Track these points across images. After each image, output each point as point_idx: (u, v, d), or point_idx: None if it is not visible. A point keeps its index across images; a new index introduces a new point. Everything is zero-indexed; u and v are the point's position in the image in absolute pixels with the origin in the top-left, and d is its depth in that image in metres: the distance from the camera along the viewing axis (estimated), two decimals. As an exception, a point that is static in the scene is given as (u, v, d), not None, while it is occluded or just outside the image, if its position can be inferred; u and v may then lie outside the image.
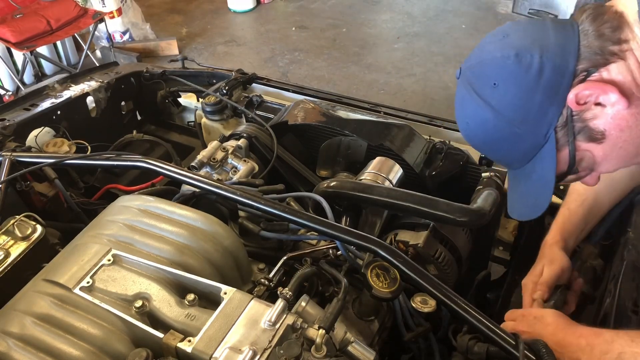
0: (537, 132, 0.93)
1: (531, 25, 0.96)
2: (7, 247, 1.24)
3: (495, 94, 0.93)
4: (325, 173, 1.84)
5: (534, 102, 0.91)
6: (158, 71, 2.27)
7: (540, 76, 0.89)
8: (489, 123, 0.96)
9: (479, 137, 1.02)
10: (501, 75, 0.93)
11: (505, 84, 0.92)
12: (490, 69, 0.94)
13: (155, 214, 1.28)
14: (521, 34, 0.94)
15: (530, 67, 0.89)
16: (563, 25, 0.92)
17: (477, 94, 0.96)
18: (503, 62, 0.92)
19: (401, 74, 4.75)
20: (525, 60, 0.90)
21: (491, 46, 0.97)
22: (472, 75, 0.98)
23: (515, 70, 0.91)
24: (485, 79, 0.95)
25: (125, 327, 1.04)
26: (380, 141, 1.73)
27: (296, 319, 1.01)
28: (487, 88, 0.94)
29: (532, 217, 1.03)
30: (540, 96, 0.90)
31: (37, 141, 1.83)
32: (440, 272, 1.44)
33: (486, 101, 0.94)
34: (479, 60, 0.97)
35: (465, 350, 1.10)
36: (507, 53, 0.92)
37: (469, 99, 0.98)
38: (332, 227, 1.22)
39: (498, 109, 0.93)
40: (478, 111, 0.96)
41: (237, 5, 6.06)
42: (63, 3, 4.42)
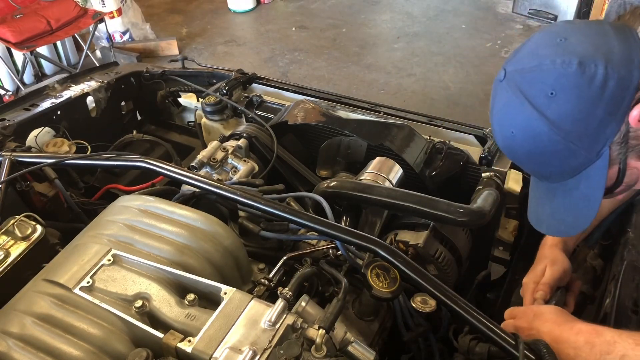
0: (592, 148, 0.86)
1: (590, 29, 0.88)
2: (7, 247, 1.24)
3: (552, 104, 0.85)
4: (325, 173, 1.84)
5: (594, 117, 0.83)
6: (158, 71, 2.27)
7: (604, 89, 0.82)
8: (542, 135, 0.87)
9: (525, 148, 0.92)
10: (561, 84, 0.84)
11: (565, 94, 0.84)
12: (547, 75, 0.85)
13: (155, 214, 1.28)
14: (581, 38, 0.86)
15: (594, 77, 0.82)
16: (623, 31, 0.85)
17: (529, 102, 0.86)
18: (564, 70, 0.83)
19: (401, 74, 4.75)
20: (589, 70, 0.82)
21: (547, 50, 0.87)
22: (524, 81, 0.88)
23: (578, 80, 0.82)
24: (540, 86, 0.86)
25: (125, 327, 1.04)
26: (380, 141, 1.73)
27: (296, 319, 1.01)
28: (542, 97, 0.86)
29: (567, 235, 0.99)
30: (602, 110, 0.83)
31: (37, 141, 1.83)
32: (440, 272, 1.44)
33: (541, 111, 0.86)
34: (534, 65, 0.87)
35: (467, 350, 1.10)
36: (568, 60, 0.83)
37: (518, 107, 0.88)
38: (332, 227, 1.22)
39: (554, 120, 0.85)
40: (530, 121, 0.87)
41: (237, 5, 6.06)
42: (63, 3, 4.42)
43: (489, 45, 5.10)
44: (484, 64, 4.77)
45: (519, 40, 5.12)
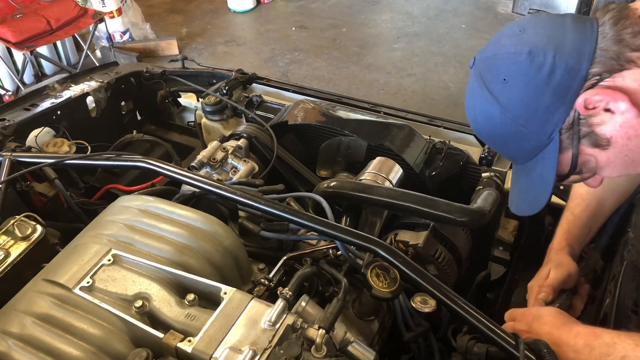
0: (542, 132, 0.92)
1: (550, 21, 0.93)
2: (7, 247, 1.24)
3: (504, 90, 0.92)
4: (325, 173, 1.84)
5: (541, 102, 0.89)
6: (158, 71, 2.27)
7: (551, 77, 0.87)
8: (496, 119, 0.94)
9: (486, 130, 1.00)
10: (512, 72, 0.90)
11: (515, 81, 0.90)
12: (502, 63, 0.92)
13: (155, 214, 1.28)
14: (538, 30, 0.92)
15: (542, 66, 0.87)
16: (583, 24, 0.89)
17: (486, 87, 0.94)
18: (515, 59, 0.90)
19: (401, 74, 4.75)
20: (538, 59, 0.87)
21: (506, 40, 0.94)
22: (484, 68, 0.96)
23: (527, 68, 0.88)
24: (496, 73, 0.93)
25: (125, 327, 1.04)
26: (380, 141, 1.73)
27: (296, 319, 1.01)
28: (497, 83, 0.93)
29: (529, 213, 1.03)
30: (549, 97, 0.88)
31: (37, 141, 1.83)
32: (440, 272, 1.44)
33: (495, 96, 0.93)
34: (492, 54, 0.95)
35: (465, 350, 1.10)
36: (520, 49, 0.89)
37: (478, 92, 0.96)
38: (332, 227, 1.22)
39: (505, 105, 0.92)
40: (486, 105, 0.95)
41: (237, 5, 6.06)
42: (63, 3, 4.41)
43: (489, 45, 5.10)
44: (484, 64, 4.77)
45: (519, 40, 5.12)
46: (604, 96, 0.85)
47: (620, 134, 0.89)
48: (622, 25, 0.86)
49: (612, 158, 0.92)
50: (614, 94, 0.85)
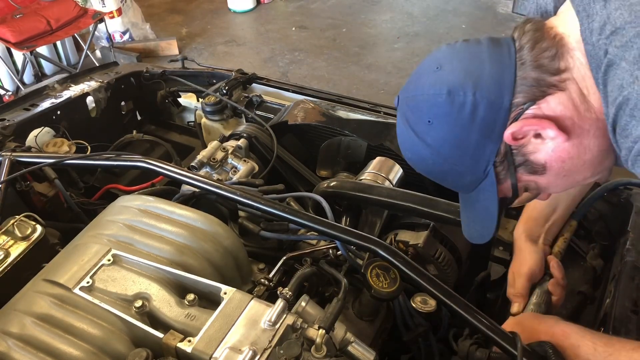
0: (477, 168, 0.90)
1: (466, 53, 0.90)
2: (7, 247, 1.24)
3: (430, 132, 0.90)
4: (325, 173, 1.84)
5: (470, 141, 0.87)
6: (158, 71, 2.27)
7: (474, 115, 0.85)
8: (428, 160, 0.93)
9: (422, 169, 0.98)
10: (434, 113, 0.88)
11: (439, 123, 0.88)
12: (423, 105, 0.90)
13: (155, 214, 1.28)
14: (454, 64, 0.88)
15: (463, 106, 0.85)
16: (500, 51, 0.86)
17: (412, 130, 0.92)
18: (435, 100, 0.87)
19: (401, 74, 4.75)
20: (458, 99, 0.85)
21: (424, 78, 0.91)
22: (408, 109, 0.93)
23: (449, 109, 0.86)
24: (419, 114, 0.91)
25: (125, 327, 1.04)
26: (380, 141, 1.73)
27: (296, 319, 1.01)
28: (421, 124, 0.90)
29: (480, 242, 1.02)
30: (476, 135, 0.86)
31: (37, 141, 1.83)
32: (440, 272, 1.44)
33: (421, 138, 0.91)
34: (413, 94, 0.92)
35: (466, 355, 1.10)
36: (439, 90, 0.87)
37: (406, 134, 0.94)
38: (332, 227, 1.22)
39: (434, 147, 0.90)
40: (415, 147, 0.93)
41: (237, 5, 6.06)
42: (63, 3, 4.42)
43: (489, 45, 5.10)
44: (484, 64, 4.77)
45: (519, 40, 5.12)
46: (530, 127, 0.84)
47: (553, 159, 0.87)
48: (539, 49, 0.83)
49: (551, 180, 0.92)
50: (539, 122, 0.83)
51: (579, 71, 0.83)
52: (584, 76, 0.83)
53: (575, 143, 0.85)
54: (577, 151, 0.87)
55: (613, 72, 0.76)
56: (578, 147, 0.86)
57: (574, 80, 0.83)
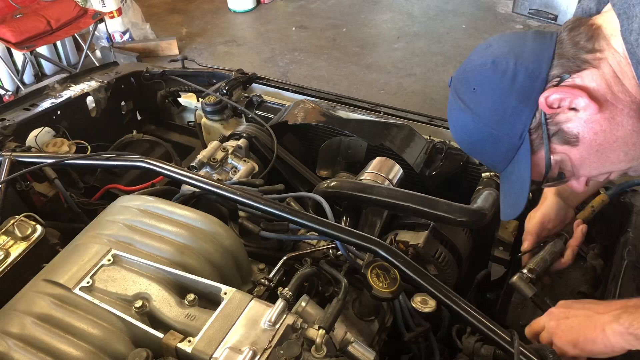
0: (513, 134, 0.97)
1: (513, 36, 1.01)
2: (7, 247, 1.24)
3: (474, 97, 1.00)
4: (325, 173, 1.84)
5: (508, 105, 0.96)
6: (158, 71, 2.27)
7: (514, 81, 0.95)
8: (469, 125, 1.02)
9: (464, 139, 1.07)
10: (479, 81, 0.99)
11: (483, 89, 0.98)
12: (470, 75, 1.01)
13: (155, 214, 1.28)
14: (502, 43, 1.00)
15: (505, 72, 0.95)
16: (542, 35, 0.98)
17: (459, 98, 1.02)
18: (481, 69, 0.99)
19: (401, 73, 4.75)
20: (500, 66, 0.96)
21: (475, 56, 1.03)
22: (458, 82, 1.05)
23: (492, 75, 0.97)
24: (466, 84, 1.02)
25: (125, 327, 1.04)
26: (380, 141, 1.73)
27: (296, 319, 1.01)
28: (467, 93, 1.01)
29: (512, 217, 1.06)
30: (514, 100, 0.95)
31: (37, 141, 1.83)
32: (440, 272, 1.44)
33: (466, 105, 1.01)
34: (463, 69, 1.04)
35: (472, 352, 1.10)
36: (485, 60, 0.99)
37: (454, 104, 1.04)
38: (332, 227, 1.22)
39: (476, 111, 0.99)
40: (460, 115, 1.03)
41: (237, 5, 6.06)
42: (63, 3, 4.41)
43: (489, 45, 5.10)
44: (484, 64, 4.77)
45: (519, 40, 5.12)
46: (563, 94, 0.91)
47: (586, 130, 0.93)
48: (576, 31, 0.94)
49: (584, 154, 0.96)
50: (572, 91, 0.91)
51: (614, 57, 0.90)
52: (619, 63, 0.90)
53: (607, 117, 0.91)
54: (609, 125, 0.92)
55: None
56: (610, 122, 0.92)
57: (608, 63, 0.91)
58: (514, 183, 1.03)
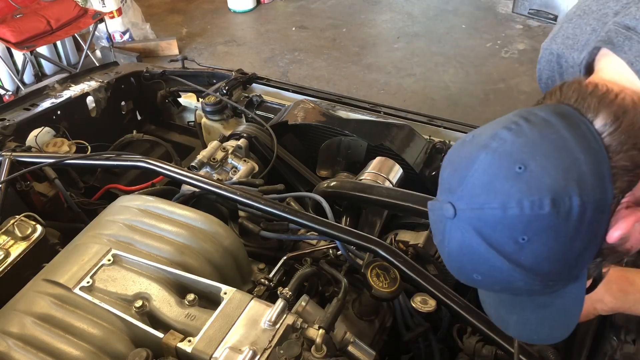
0: (570, 276, 0.78)
1: (547, 143, 0.72)
2: (7, 247, 1.24)
3: (525, 250, 0.72)
4: (325, 173, 1.84)
5: (573, 252, 0.73)
6: (158, 71, 2.27)
7: (582, 221, 0.70)
8: (518, 282, 0.75)
9: (495, 289, 0.83)
10: (533, 229, 0.70)
11: (540, 239, 0.71)
12: (516, 221, 0.70)
13: (155, 214, 1.28)
14: (544, 162, 0.70)
15: (569, 214, 0.69)
16: (585, 137, 0.72)
17: (496, 250, 0.72)
18: (535, 213, 0.69)
19: (401, 74, 4.75)
20: (564, 207, 0.69)
21: (507, 185, 0.71)
22: (485, 225, 0.72)
23: (554, 221, 0.69)
24: (508, 231, 0.71)
25: (125, 327, 1.04)
26: (380, 141, 1.73)
27: (296, 319, 1.01)
28: (511, 243, 0.72)
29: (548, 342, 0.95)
30: (581, 242, 0.72)
31: (37, 141, 1.83)
32: (440, 272, 1.44)
33: (512, 260, 0.72)
34: (494, 206, 0.71)
35: (473, 352, 1.10)
36: (538, 200, 0.69)
37: (482, 254, 0.74)
38: (332, 227, 1.22)
39: (530, 267, 0.73)
40: (502, 271, 0.74)
41: (237, 5, 6.05)
42: (63, 3, 4.41)
43: (489, 45, 5.10)
44: (484, 64, 4.77)
45: (518, 40, 5.13)
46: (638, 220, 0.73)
47: (638, 241, 0.77)
48: (627, 125, 0.71)
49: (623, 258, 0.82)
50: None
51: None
52: None
53: None
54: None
55: None
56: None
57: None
58: (551, 314, 0.83)
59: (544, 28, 5.32)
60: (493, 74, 4.61)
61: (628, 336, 1.08)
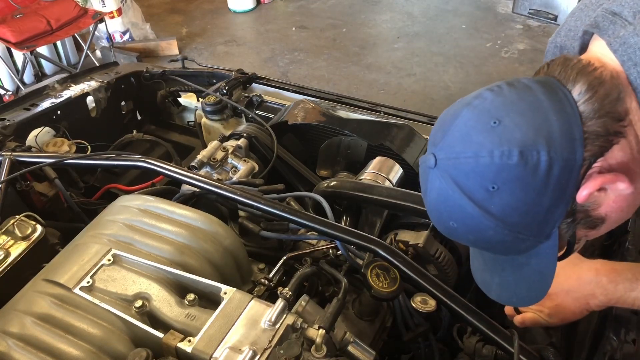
0: (541, 233, 0.81)
1: (523, 104, 0.78)
2: (7, 247, 1.24)
3: (494, 199, 0.77)
4: (325, 173, 1.84)
5: (541, 205, 0.77)
6: (158, 71, 2.27)
7: (549, 176, 0.75)
8: (488, 230, 0.80)
9: (470, 238, 0.87)
10: (502, 178, 0.76)
11: (508, 188, 0.76)
12: (486, 169, 0.76)
13: (155, 213, 1.28)
14: (517, 119, 0.76)
15: (537, 167, 0.74)
16: (559, 100, 0.77)
17: (469, 197, 0.78)
18: (504, 163, 0.75)
19: (401, 74, 4.75)
20: (531, 159, 0.74)
21: (481, 137, 0.77)
22: (460, 173, 0.78)
23: (521, 172, 0.74)
24: (479, 180, 0.77)
25: (125, 327, 1.04)
26: (380, 141, 1.73)
27: (296, 319, 1.01)
28: (482, 191, 0.77)
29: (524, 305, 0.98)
30: (549, 198, 0.76)
31: (37, 141, 1.83)
32: (440, 272, 1.44)
33: (483, 207, 0.78)
34: (469, 155, 0.77)
35: (473, 352, 1.10)
36: (508, 151, 0.74)
37: (457, 201, 0.80)
38: (332, 227, 1.22)
39: (499, 216, 0.78)
40: (473, 218, 0.79)
41: (237, 5, 6.06)
42: (63, 3, 4.41)
43: (489, 45, 5.10)
44: (484, 64, 4.77)
45: (518, 40, 5.13)
46: (605, 183, 0.76)
47: (614, 209, 0.82)
48: (601, 94, 0.76)
49: (602, 230, 0.86)
50: (613, 178, 0.77)
51: (636, 114, 0.78)
52: (638, 120, 0.78)
53: (633, 189, 0.78)
54: (633, 197, 0.81)
55: None
56: (634, 194, 0.80)
57: (632, 126, 0.78)
58: (527, 274, 0.87)
59: (544, 28, 5.32)
60: (493, 74, 4.61)
61: (628, 336, 1.08)
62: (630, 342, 1.07)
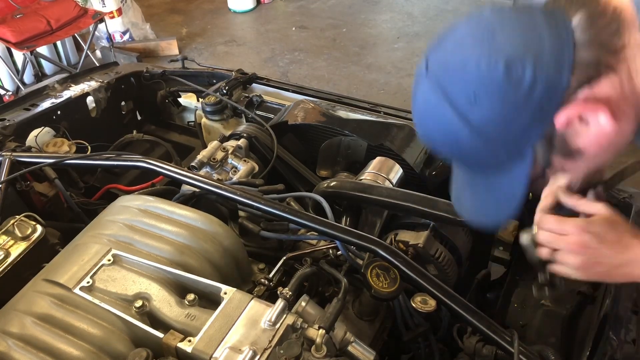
0: (515, 151, 0.82)
1: (520, 22, 0.79)
2: (7, 247, 1.24)
3: (475, 109, 0.78)
4: (325, 173, 1.84)
5: (519, 123, 0.78)
6: (158, 71, 2.27)
7: (531, 94, 0.75)
8: (464, 139, 0.81)
9: (446, 149, 0.88)
10: (484, 88, 0.77)
11: (489, 99, 0.77)
12: (471, 77, 0.77)
13: (155, 214, 1.28)
14: (510, 33, 0.77)
15: (520, 82, 0.75)
16: (556, 23, 0.76)
17: (450, 104, 0.79)
18: (489, 73, 0.75)
19: (401, 73, 4.75)
20: (516, 73, 0.74)
21: (472, 47, 0.79)
22: (447, 79, 0.80)
23: (504, 84, 0.75)
24: (463, 86, 0.78)
25: (125, 327, 1.04)
26: (380, 141, 1.73)
27: (296, 319, 1.01)
28: (464, 99, 0.78)
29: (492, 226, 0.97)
30: (528, 116, 0.77)
31: (37, 141, 1.83)
32: (440, 272, 1.44)
33: (462, 115, 0.79)
34: (457, 61, 0.79)
35: (473, 352, 1.10)
36: (494, 61, 0.75)
37: (439, 107, 0.81)
38: (332, 227, 1.22)
39: (477, 126, 0.79)
40: (452, 125, 0.80)
41: (237, 5, 6.05)
42: (63, 3, 4.41)
43: (489, 45, 5.10)
44: (484, 64, 4.78)
45: (519, 40, 5.13)
46: (585, 111, 0.77)
47: (593, 144, 0.81)
48: (600, 25, 0.75)
49: (580, 166, 0.86)
50: (594, 107, 0.76)
51: (632, 50, 0.76)
52: (635, 56, 0.77)
53: (616, 127, 0.78)
54: (615, 137, 0.80)
55: None
56: (617, 133, 0.79)
57: (626, 60, 0.77)
58: (498, 194, 0.88)
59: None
60: (493, 74, 4.61)
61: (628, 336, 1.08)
62: (630, 342, 1.07)
